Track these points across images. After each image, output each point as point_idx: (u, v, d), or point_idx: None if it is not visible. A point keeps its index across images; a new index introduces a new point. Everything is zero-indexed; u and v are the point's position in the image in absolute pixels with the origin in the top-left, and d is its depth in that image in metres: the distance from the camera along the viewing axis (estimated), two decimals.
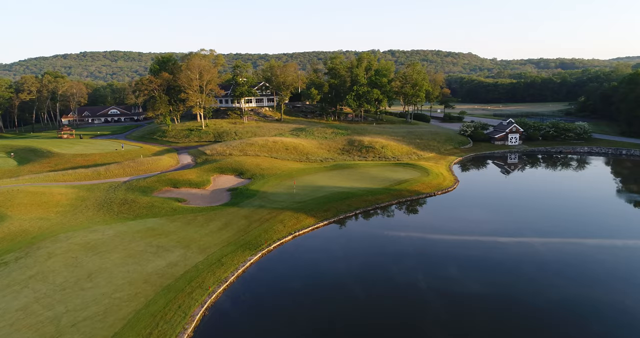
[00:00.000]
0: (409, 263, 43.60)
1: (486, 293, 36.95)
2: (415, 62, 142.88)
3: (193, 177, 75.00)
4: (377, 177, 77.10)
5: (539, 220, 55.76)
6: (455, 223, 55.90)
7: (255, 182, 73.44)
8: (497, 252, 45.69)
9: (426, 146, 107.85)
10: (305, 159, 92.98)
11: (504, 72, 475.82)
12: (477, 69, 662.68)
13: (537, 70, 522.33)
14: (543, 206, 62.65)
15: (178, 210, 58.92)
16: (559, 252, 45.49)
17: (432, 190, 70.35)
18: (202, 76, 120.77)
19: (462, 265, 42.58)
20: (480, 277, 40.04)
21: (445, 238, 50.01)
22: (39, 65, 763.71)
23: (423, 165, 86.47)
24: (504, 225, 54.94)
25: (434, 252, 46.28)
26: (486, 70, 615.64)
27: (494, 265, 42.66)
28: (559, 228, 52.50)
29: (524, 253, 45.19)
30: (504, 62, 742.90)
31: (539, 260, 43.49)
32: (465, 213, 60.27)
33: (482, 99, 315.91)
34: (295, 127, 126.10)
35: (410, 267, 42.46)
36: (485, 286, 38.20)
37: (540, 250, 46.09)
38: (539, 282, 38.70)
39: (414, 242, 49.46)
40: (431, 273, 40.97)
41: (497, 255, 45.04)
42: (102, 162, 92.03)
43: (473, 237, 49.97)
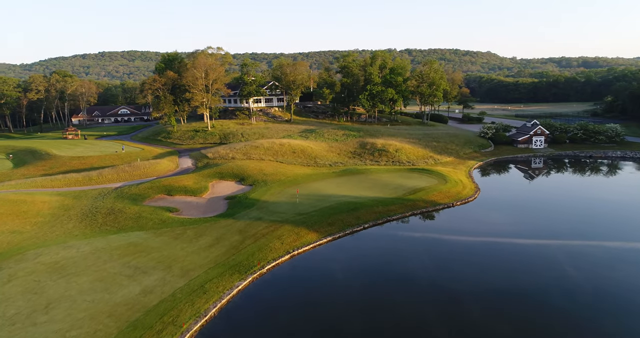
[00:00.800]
0: (425, 295, 37.03)
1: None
2: (433, 60, 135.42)
3: (190, 183, 69.49)
4: (390, 184, 70.49)
5: (575, 237, 48.54)
6: (478, 241, 49.02)
7: (256, 189, 67.56)
8: (530, 282, 38.80)
9: (444, 149, 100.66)
10: (313, 163, 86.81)
11: (524, 71, 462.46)
12: (496, 68, 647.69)
13: (558, 69, 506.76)
14: (579, 220, 55.28)
15: (167, 222, 53.32)
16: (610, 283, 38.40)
17: (451, 200, 63.45)
18: (208, 75, 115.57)
19: (488, 296, 35.89)
20: (514, 319, 33.31)
21: (467, 261, 43.25)
22: (58, 65, 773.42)
23: (440, 171, 79.48)
24: (535, 246, 47.81)
25: (456, 281, 39.56)
26: (505, 69, 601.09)
27: (530, 304, 35.83)
28: (600, 250, 45.28)
29: (571, 285, 38.21)
30: (524, 61, 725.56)
31: (594, 299, 36.52)
32: (488, 228, 53.25)
33: (502, 98, 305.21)
34: (304, 129, 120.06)
35: (426, 299, 35.91)
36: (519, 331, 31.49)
37: (588, 279, 39.04)
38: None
39: (429, 266, 42.81)
40: (452, 312, 34.36)
41: (532, 286, 38.15)
42: (99, 165, 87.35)
43: (501, 262, 43.13)
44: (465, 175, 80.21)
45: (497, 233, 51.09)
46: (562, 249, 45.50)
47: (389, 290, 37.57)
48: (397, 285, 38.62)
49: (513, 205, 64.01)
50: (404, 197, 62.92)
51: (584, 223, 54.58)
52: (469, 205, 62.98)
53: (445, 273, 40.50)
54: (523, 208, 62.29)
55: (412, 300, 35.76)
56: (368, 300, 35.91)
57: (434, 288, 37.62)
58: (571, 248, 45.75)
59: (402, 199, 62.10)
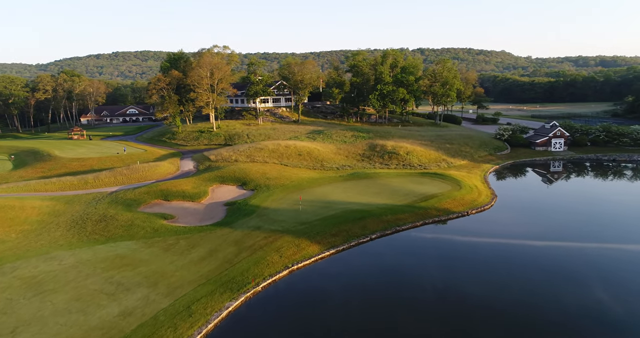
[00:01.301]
0: (435, 321, 32.99)
1: None
2: (446, 58, 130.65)
3: (189, 187, 66.15)
4: (400, 190, 66.33)
5: (607, 251, 43.99)
6: (495, 256, 44.72)
7: (258, 194, 63.95)
8: (555, 302, 34.50)
9: (457, 152, 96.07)
10: (319, 167, 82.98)
11: (539, 71, 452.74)
12: (511, 67, 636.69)
13: (575, 69, 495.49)
14: (606, 231, 50.59)
15: (160, 230, 49.94)
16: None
17: (465, 208, 59.09)
18: (214, 74, 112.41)
19: (509, 326, 31.72)
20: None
21: (483, 281, 39.06)
22: (72, 65, 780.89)
23: (454, 176, 75.02)
24: (558, 259, 43.35)
25: (470, 304, 35.42)
26: (520, 68, 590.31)
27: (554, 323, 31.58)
28: (634, 265, 40.71)
29: (600, 304, 33.86)
30: (539, 60, 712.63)
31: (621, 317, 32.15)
32: (507, 241, 48.85)
33: (517, 98, 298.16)
34: (312, 130, 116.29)
35: (436, 325, 31.87)
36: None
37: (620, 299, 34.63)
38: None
39: (441, 286, 38.71)
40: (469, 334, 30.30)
41: (557, 307, 33.87)
42: (99, 167, 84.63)
43: (523, 281, 38.86)
44: (481, 180, 75.70)
45: (518, 248, 46.70)
46: (595, 265, 41.05)
47: (395, 314, 33.56)
48: (404, 308, 34.59)
49: (533, 214, 59.37)
50: (414, 205, 58.73)
51: (614, 229, 49.90)
52: (485, 214, 58.57)
53: (458, 295, 36.36)
54: (545, 217, 57.64)
55: (421, 326, 31.74)
56: (370, 325, 31.96)
57: (445, 312, 33.54)
58: (607, 263, 41.28)
59: (413, 207, 57.92)
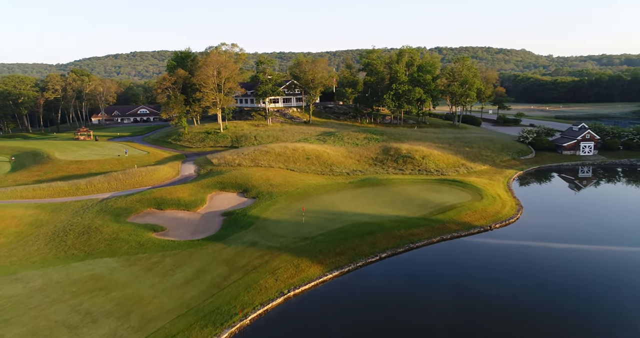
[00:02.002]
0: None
1: None
2: (465, 56, 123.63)
3: (185, 195, 61.29)
4: (415, 199, 60.35)
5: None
6: (522, 282, 38.60)
7: (259, 203, 58.71)
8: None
9: (478, 156, 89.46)
10: (328, 172, 77.40)
11: (562, 70, 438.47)
12: (532, 66, 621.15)
13: (599, 67, 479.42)
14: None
15: (146, 245, 45.04)
16: None
17: (487, 221, 52.90)
18: (221, 73, 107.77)
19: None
20: None
21: (507, 311, 33.07)
22: (91, 65, 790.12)
23: (474, 183, 68.66)
24: (600, 283, 37.04)
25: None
26: (541, 67, 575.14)
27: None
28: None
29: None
30: (561, 58, 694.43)
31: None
32: (535, 263, 42.62)
33: (538, 98, 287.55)
34: (323, 131, 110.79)
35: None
36: None
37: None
38: None
39: (457, 315, 32.85)
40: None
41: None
42: (96, 170, 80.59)
43: (559, 313, 32.76)
44: (504, 188, 69.22)
45: (548, 270, 40.45)
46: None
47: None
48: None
49: (564, 228, 52.75)
50: (431, 218, 52.74)
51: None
52: (510, 229, 52.27)
53: (478, 330, 30.47)
54: (578, 232, 51.09)
55: None
56: None
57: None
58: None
59: (429, 220, 51.96)
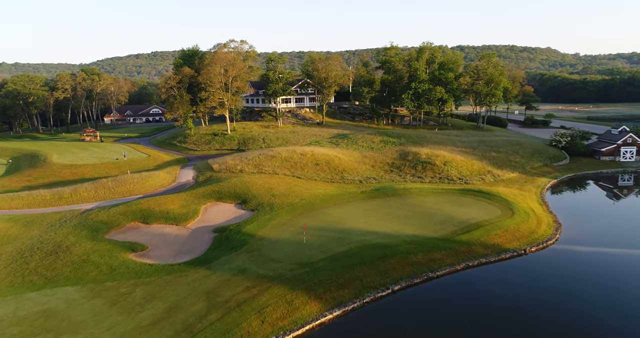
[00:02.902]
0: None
1: None
2: (491, 52, 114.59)
3: (176, 206, 54.87)
4: (435, 214, 52.63)
5: None
6: (572, 323, 30.74)
7: (257, 217, 51.88)
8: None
9: (505, 162, 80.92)
10: (339, 179, 70.09)
11: (590, 68, 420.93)
12: (558, 65, 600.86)
13: (630, 66, 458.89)
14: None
15: (118, 270, 38.61)
16: None
17: (521, 244, 44.92)
18: (228, 71, 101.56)
19: None
20: None
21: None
22: (112, 65, 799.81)
23: (503, 195, 60.41)
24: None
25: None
26: (568, 66, 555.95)
27: None
28: None
29: None
30: (588, 57, 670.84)
31: None
32: (587, 301, 34.59)
33: (566, 98, 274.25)
34: (336, 133, 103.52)
35: None
36: None
37: None
38: None
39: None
40: None
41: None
42: (90, 176, 75.17)
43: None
44: (537, 201, 60.84)
45: (600, 310, 32.41)
46: None
47: None
48: None
49: (615, 253, 44.34)
50: (454, 238, 45.00)
51: None
52: (548, 253, 44.14)
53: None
54: (633, 260, 42.64)
55: None
56: None
57: None
58: None
59: (452, 241, 44.25)
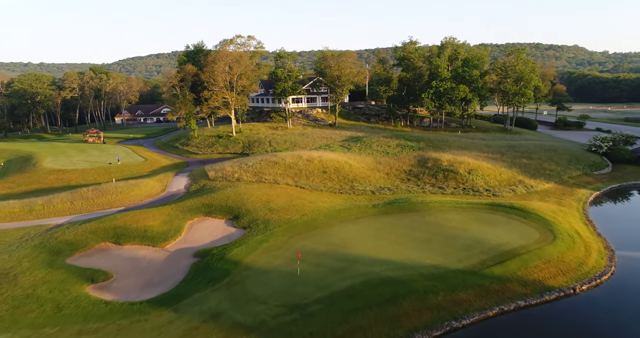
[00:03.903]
0: None
1: None
2: (521, 48, 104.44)
3: (157, 222, 47.52)
4: (460, 236, 43.95)
5: None
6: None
7: (248, 237, 44.12)
8: None
9: (539, 170, 71.38)
10: (348, 189, 61.84)
11: (622, 66, 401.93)
12: (585, 63, 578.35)
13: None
14: None
15: (65, 310, 31.22)
16: None
17: (569, 279, 36.01)
18: (233, 69, 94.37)
19: None
20: None
21: None
22: (133, 64, 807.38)
23: (540, 211, 51.20)
24: None
25: None
26: (597, 64, 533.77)
27: None
28: None
29: None
30: (618, 55, 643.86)
31: None
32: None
33: (597, 97, 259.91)
34: (349, 136, 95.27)
35: None
36: None
37: None
38: None
39: None
40: None
41: None
42: (76, 182, 68.78)
43: None
44: (581, 219, 51.49)
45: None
46: None
47: None
48: None
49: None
50: (484, 271, 36.33)
51: None
52: (603, 292, 35.11)
53: None
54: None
55: None
56: None
57: None
58: None
59: (482, 276, 35.63)
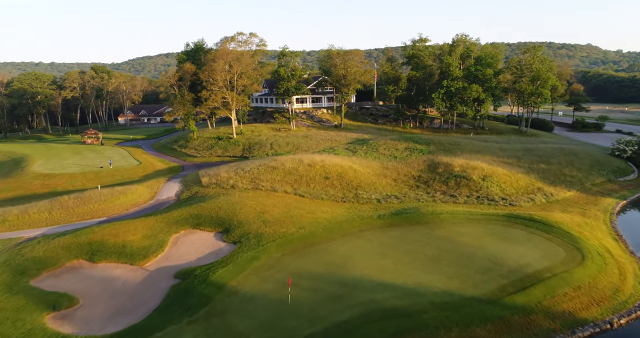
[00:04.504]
0: None
1: None
2: (537, 45, 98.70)
3: (138, 236, 43.00)
4: (475, 254, 38.85)
5: None
6: None
7: (237, 254, 39.45)
8: None
9: (559, 177, 65.90)
10: (352, 198, 56.89)
11: (637, 65, 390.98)
12: (599, 62, 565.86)
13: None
14: None
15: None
16: None
17: (604, 310, 30.86)
18: (233, 67, 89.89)
19: None
20: None
21: None
22: (143, 64, 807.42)
23: (564, 224, 45.88)
24: None
25: None
26: (611, 63, 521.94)
27: None
28: None
29: None
30: (632, 54, 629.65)
31: None
32: None
33: (613, 97, 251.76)
34: (355, 138, 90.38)
35: None
36: None
37: None
38: None
39: None
40: None
41: None
42: (62, 188, 64.70)
43: None
44: (609, 233, 46.16)
45: None
46: None
47: None
48: None
49: None
50: (504, 300, 31.23)
51: None
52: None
53: None
54: None
55: None
56: None
57: None
58: None
59: (502, 305, 30.56)
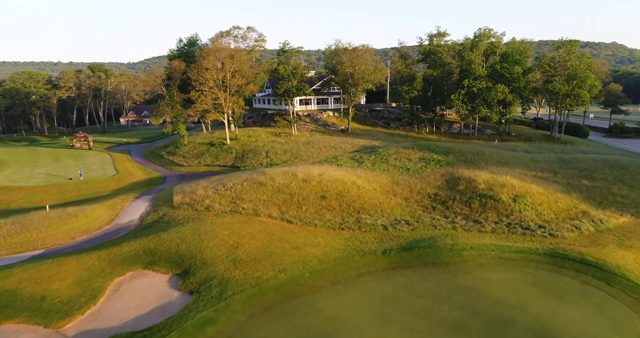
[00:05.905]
0: None
1: None
2: (573, 40, 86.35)
3: (67, 282, 33.03)
4: (514, 321, 27.83)
5: None
6: None
7: (189, 314, 29.17)
8: None
9: (606, 196, 53.87)
10: (353, 224, 46.12)
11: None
12: (626, 60, 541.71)
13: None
14: None
15: None
16: None
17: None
18: (225, 65, 79.94)
19: None
20: None
21: None
22: (158, 63, 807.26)
23: (627, 270, 34.44)
24: None
25: None
26: (638, 62, 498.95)
27: None
28: None
29: None
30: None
31: None
32: None
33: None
34: (363, 145, 79.59)
35: None
36: None
37: None
38: None
39: None
40: None
41: None
42: (17, 206, 55.56)
43: None
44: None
45: None
46: None
47: None
48: None
49: None
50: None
51: None
52: None
53: None
54: None
55: None
56: None
57: None
58: None
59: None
